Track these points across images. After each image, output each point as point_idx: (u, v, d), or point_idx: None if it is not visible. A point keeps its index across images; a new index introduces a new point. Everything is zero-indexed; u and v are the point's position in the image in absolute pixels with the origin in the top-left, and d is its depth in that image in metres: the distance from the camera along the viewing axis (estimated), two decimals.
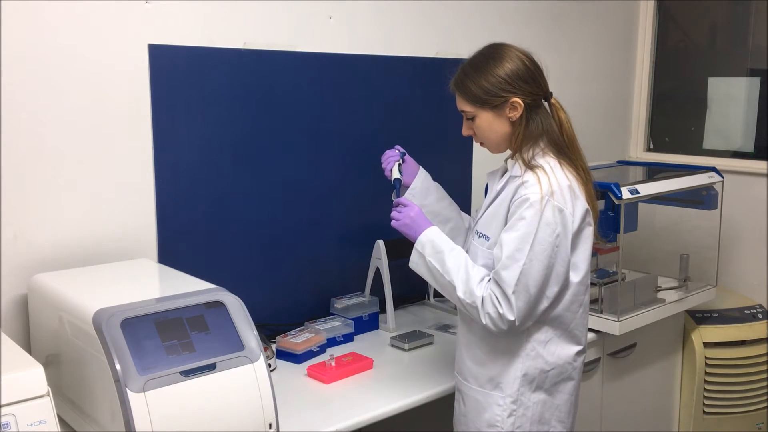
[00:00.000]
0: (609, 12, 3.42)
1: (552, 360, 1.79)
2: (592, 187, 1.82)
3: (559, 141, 1.78)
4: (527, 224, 1.69)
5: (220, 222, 2.22)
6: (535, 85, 1.76)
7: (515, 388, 1.78)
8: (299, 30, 2.34)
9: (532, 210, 1.69)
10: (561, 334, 1.79)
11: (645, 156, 3.61)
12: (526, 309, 1.70)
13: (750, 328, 2.94)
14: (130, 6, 1.98)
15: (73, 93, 1.92)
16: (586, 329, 1.87)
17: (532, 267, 1.68)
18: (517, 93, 1.74)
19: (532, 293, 1.70)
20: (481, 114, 1.79)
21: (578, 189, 1.75)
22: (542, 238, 1.68)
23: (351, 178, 2.51)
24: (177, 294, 1.62)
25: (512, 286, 1.68)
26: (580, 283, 1.79)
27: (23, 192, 1.87)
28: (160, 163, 2.08)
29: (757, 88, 3.31)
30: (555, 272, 1.72)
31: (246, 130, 2.25)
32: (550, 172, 1.72)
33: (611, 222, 2.46)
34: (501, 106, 1.76)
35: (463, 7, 2.79)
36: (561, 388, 1.82)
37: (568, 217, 1.70)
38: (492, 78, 1.75)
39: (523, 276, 1.68)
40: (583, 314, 1.83)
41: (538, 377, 1.79)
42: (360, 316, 2.42)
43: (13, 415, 1.31)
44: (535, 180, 1.71)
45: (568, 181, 1.73)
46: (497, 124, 1.79)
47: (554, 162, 1.75)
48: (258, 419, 1.55)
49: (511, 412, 1.79)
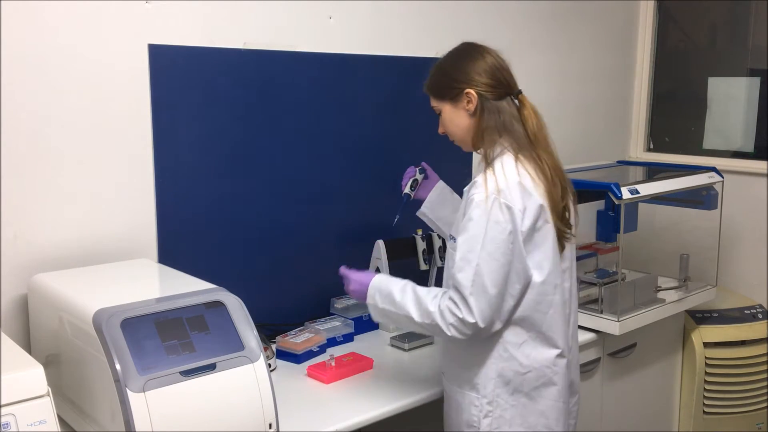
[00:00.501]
0: (609, 12, 3.42)
1: (527, 362, 1.77)
2: (561, 183, 1.79)
3: (520, 137, 1.78)
4: (475, 224, 1.70)
5: (220, 222, 2.22)
6: (493, 79, 1.78)
7: (490, 389, 1.78)
8: (299, 30, 2.34)
9: (479, 210, 1.70)
10: (535, 336, 1.77)
11: (645, 156, 3.61)
12: (488, 309, 1.69)
13: (750, 328, 2.94)
14: (130, 6, 1.98)
15: (73, 93, 1.92)
16: (565, 332, 1.81)
17: (487, 266, 1.68)
18: (471, 85, 1.78)
19: (492, 293, 1.68)
20: (443, 107, 1.85)
21: (532, 186, 1.72)
22: (493, 236, 1.68)
23: (351, 178, 2.51)
24: (177, 294, 1.62)
25: (468, 288, 1.68)
26: (544, 283, 1.75)
27: (23, 192, 1.87)
28: (160, 163, 2.08)
29: (757, 88, 3.31)
30: (514, 269, 1.70)
31: (246, 130, 2.25)
32: (500, 170, 1.72)
33: (611, 222, 2.46)
34: (457, 97, 1.80)
35: (462, 7, 2.79)
36: (543, 393, 1.79)
37: (517, 214, 1.69)
38: (448, 70, 1.82)
39: (478, 276, 1.68)
40: (555, 315, 1.78)
41: (514, 379, 1.77)
42: (360, 316, 2.42)
43: (13, 415, 1.31)
44: (482, 180, 1.72)
45: (518, 177, 1.71)
46: (457, 117, 1.82)
47: (510, 159, 1.75)
48: (258, 419, 1.55)
49: (487, 413, 1.78)
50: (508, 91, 1.81)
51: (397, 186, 2.40)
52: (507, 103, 1.80)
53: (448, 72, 1.82)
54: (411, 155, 2.14)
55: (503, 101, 1.80)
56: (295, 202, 2.39)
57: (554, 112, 3.26)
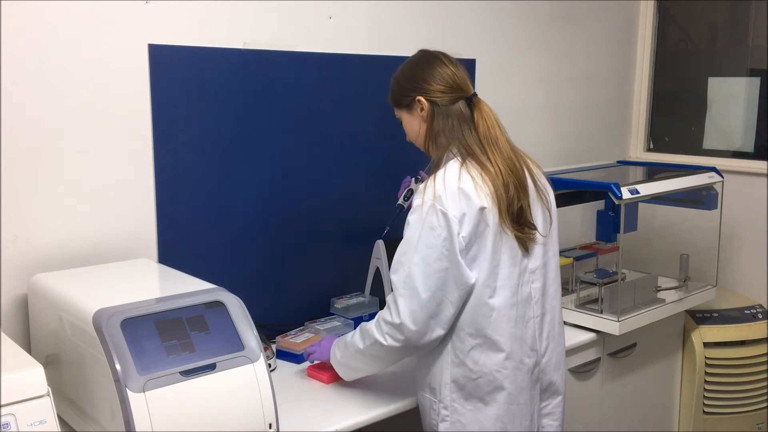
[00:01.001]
0: (609, 12, 3.42)
1: (476, 368, 1.76)
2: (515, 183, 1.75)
3: (469, 141, 1.78)
4: (411, 229, 1.73)
5: (220, 222, 2.22)
6: (443, 85, 1.80)
7: (446, 394, 1.78)
8: (299, 30, 2.34)
9: (415, 215, 1.72)
10: (482, 342, 1.75)
11: (645, 156, 3.61)
12: (419, 312, 1.69)
13: (750, 328, 2.94)
14: (130, 6, 1.98)
15: (73, 93, 1.92)
16: (513, 336, 1.78)
17: (420, 270, 1.69)
18: (421, 92, 1.81)
19: (423, 297, 1.69)
20: (402, 115, 1.91)
21: (473, 190, 1.70)
22: (428, 241, 1.69)
23: (351, 178, 2.51)
24: (177, 294, 1.62)
25: (399, 289, 1.71)
26: (482, 285, 1.73)
27: (23, 192, 1.87)
28: (160, 163, 2.08)
29: (757, 88, 3.31)
30: (451, 276, 1.69)
31: (246, 130, 2.25)
32: (441, 177, 1.73)
33: (611, 222, 2.46)
34: (411, 105, 1.85)
35: (462, 8, 2.79)
36: (496, 397, 1.77)
37: (452, 220, 1.68)
38: (401, 80, 1.88)
39: (410, 279, 1.70)
40: (500, 319, 1.75)
41: (467, 385, 1.77)
42: (360, 316, 2.41)
43: (13, 415, 1.31)
44: (422, 187, 1.75)
45: (459, 183, 1.71)
46: (414, 123, 1.87)
47: (456, 164, 1.75)
48: (258, 419, 1.55)
49: (444, 417, 1.79)
50: (461, 96, 1.82)
51: (397, 186, 2.40)
52: (460, 107, 1.81)
53: (401, 82, 1.88)
54: (411, 155, 2.14)
55: (455, 105, 1.81)
56: (295, 201, 2.39)
57: (554, 112, 3.27)
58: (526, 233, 1.78)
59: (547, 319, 1.86)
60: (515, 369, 1.78)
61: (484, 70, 2.86)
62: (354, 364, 1.91)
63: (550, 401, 1.90)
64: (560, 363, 1.91)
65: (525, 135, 3.13)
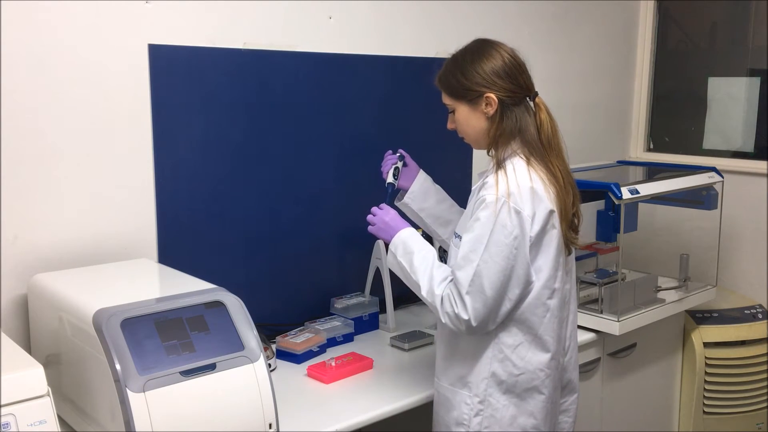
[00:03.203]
0: (609, 12, 3.42)
1: (521, 365, 1.77)
2: (572, 190, 1.79)
3: (533, 142, 1.77)
4: (482, 225, 1.70)
5: (220, 222, 2.22)
6: (513, 82, 1.76)
7: (483, 388, 1.78)
8: (299, 30, 2.34)
9: (487, 211, 1.69)
10: (531, 340, 1.76)
11: (645, 156, 3.61)
12: (483, 310, 1.69)
13: (750, 328, 2.94)
14: (130, 6, 1.98)
15: (73, 93, 1.92)
16: (559, 335, 1.81)
17: (487, 268, 1.68)
18: (492, 89, 1.75)
19: (489, 295, 1.68)
20: (459, 107, 1.81)
21: (543, 191, 1.71)
22: (498, 239, 1.68)
23: (351, 178, 2.51)
24: (177, 294, 1.62)
25: (466, 287, 1.69)
26: (543, 287, 1.75)
27: (23, 192, 1.87)
28: (160, 163, 2.08)
29: (757, 88, 3.31)
30: (515, 274, 1.70)
31: (246, 130, 2.25)
32: (511, 173, 1.72)
33: (611, 222, 2.46)
34: (476, 100, 1.77)
35: (462, 7, 2.79)
36: (534, 394, 1.79)
37: (525, 219, 1.68)
38: (468, 72, 1.77)
39: (477, 277, 1.68)
40: (552, 319, 1.77)
41: (507, 380, 1.77)
42: (360, 316, 2.42)
43: (13, 415, 1.31)
44: (494, 181, 1.72)
45: (530, 182, 1.71)
46: (473, 119, 1.80)
47: (522, 163, 1.74)
48: (258, 419, 1.55)
49: (478, 411, 1.79)
50: (527, 94, 1.80)
51: None
52: (525, 107, 1.79)
53: (468, 73, 1.77)
54: (411, 155, 2.14)
55: (521, 105, 1.78)
56: (295, 201, 2.39)
57: (554, 112, 3.25)
58: (573, 237, 1.81)
59: (571, 319, 1.89)
60: (555, 369, 1.81)
61: None
62: (403, 276, 1.85)
63: (568, 398, 1.93)
64: (577, 361, 1.96)
65: None
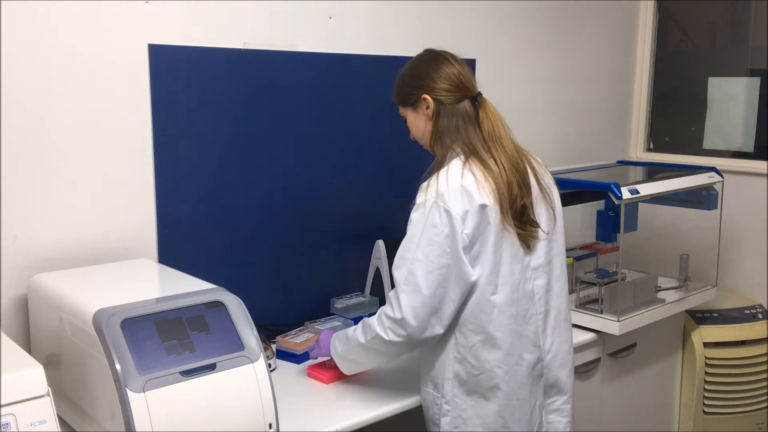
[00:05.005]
0: (609, 12, 3.42)
1: (478, 364, 1.78)
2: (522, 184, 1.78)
3: (473, 140, 1.80)
4: (413, 226, 1.75)
5: (220, 222, 2.22)
6: (449, 83, 1.82)
7: (448, 389, 1.80)
8: (299, 30, 2.34)
9: (418, 212, 1.74)
10: (484, 339, 1.77)
11: (645, 156, 3.61)
12: (422, 309, 1.71)
13: (750, 328, 2.94)
14: (130, 6, 1.98)
15: (73, 93, 1.92)
16: (513, 332, 1.79)
17: (422, 266, 1.71)
18: (427, 90, 1.83)
19: (425, 293, 1.71)
20: (406, 113, 1.92)
21: (475, 188, 1.72)
22: (430, 238, 1.71)
23: (351, 178, 2.51)
24: (177, 294, 1.62)
25: (401, 285, 1.73)
26: (486, 283, 1.75)
27: (23, 192, 1.87)
28: (160, 163, 2.08)
29: (757, 88, 3.31)
30: (452, 273, 1.71)
31: (246, 130, 2.25)
32: (443, 175, 1.75)
33: (611, 222, 2.46)
34: (417, 103, 1.86)
35: (462, 8, 2.79)
36: (497, 393, 1.79)
37: (455, 217, 1.70)
38: (406, 77, 1.90)
39: (412, 275, 1.72)
40: (500, 315, 1.77)
41: (469, 380, 1.79)
42: (360, 316, 2.41)
43: (13, 415, 1.31)
44: (425, 184, 1.77)
45: (461, 180, 1.72)
46: (418, 122, 1.88)
47: (458, 163, 1.77)
48: (258, 419, 1.55)
49: (446, 412, 1.81)
50: (466, 95, 1.83)
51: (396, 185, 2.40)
52: (465, 106, 1.83)
53: (407, 80, 1.89)
54: (410, 155, 2.14)
55: (460, 105, 1.83)
56: (295, 201, 2.39)
57: (554, 112, 3.27)
58: (529, 231, 1.80)
59: (552, 316, 1.87)
60: (514, 364, 1.80)
61: (484, 70, 2.85)
62: (355, 358, 1.91)
63: (557, 398, 1.91)
64: (566, 360, 1.92)
65: (525, 135, 3.13)
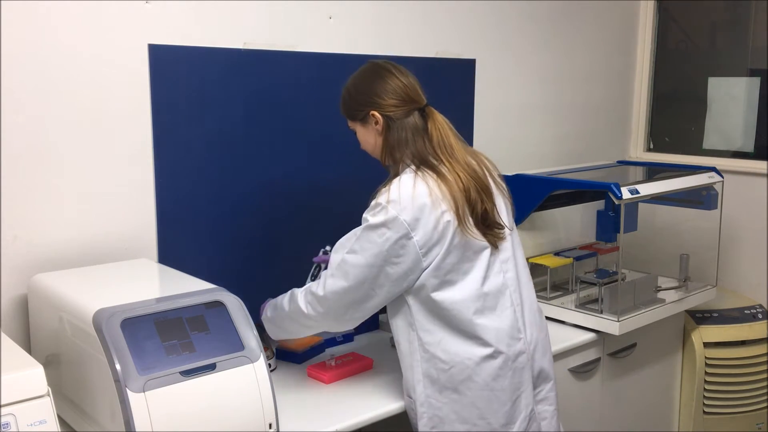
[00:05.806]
0: (609, 12, 3.42)
1: (447, 358, 1.79)
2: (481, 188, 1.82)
3: (423, 151, 1.82)
4: (363, 222, 1.80)
5: (220, 222, 2.22)
6: (396, 98, 1.83)
7: (420, 391, 1.82)
8: (299, 30, 2.34)
9: (369, 213, 1.80)
10: (450, 332, 1.79)
11: (645, 156, 3.61)
12: (343, 295, 1.79)
13: (750, 328, 2.94)
14: (130, 6, 1.98)
15: (73, 93, 1.92)
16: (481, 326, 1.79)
17: (354, 259, 1.77)
18: (375, 107, 1.84)
19: (351, 284, 1.78)
20: (355, 127, 1.93)
21: (427, 197, 1.75)
22: (371, 237, 1.76)
23: (351, 178, 2.51)
24: (177, 294, 1.62)
25: (333, 268, 1.81)
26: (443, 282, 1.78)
27: (23, 192, 1.87)
28: (160, 163, 2.08)
29: (757, 88, 3.31)
30: (386, 274, 1.76)
31: (246, 130, 2.25)
32: (396, 184, 1.78)
33: (611, 222, 2.46)
34: (366, 118, 1.87)
35: (463, 8, 2.79)
36: (469, 384, 1.80)
37: (401, 224, 1.73)
38: (353, 92, 1.90)
39: (344, 263, 1.79)
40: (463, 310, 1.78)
41: (440, 377, 1.80)
42: None
43: (13, 415, 1.31)
44: (379, 193, 1.80)
45: (413, 190, 1.75)
46: (369, 136, 1.90)
47: (410, 174, 1.80)
48: (258, 419, 1.55)
49: (421, 414, 1.82)
50: (414, 107, 1.85)
51: None
52: (414, 119, 1.84)
53: (354, 95, 1.89)
54: None
55: (409, 118, 1.84)
56: (295, 202, 2.39)
57: (554, 112, 3.27)
58: (495, 233, 1.84)
59: (527, 307, 1.90)
60: (489, 357, 1.80)
61: (484, 70, 2.85)
62: (280, 324, 1.97)
63: (543, 386, 1.92)
64: (546, 349, 1.96)
65: (525, 135, 3.16)
